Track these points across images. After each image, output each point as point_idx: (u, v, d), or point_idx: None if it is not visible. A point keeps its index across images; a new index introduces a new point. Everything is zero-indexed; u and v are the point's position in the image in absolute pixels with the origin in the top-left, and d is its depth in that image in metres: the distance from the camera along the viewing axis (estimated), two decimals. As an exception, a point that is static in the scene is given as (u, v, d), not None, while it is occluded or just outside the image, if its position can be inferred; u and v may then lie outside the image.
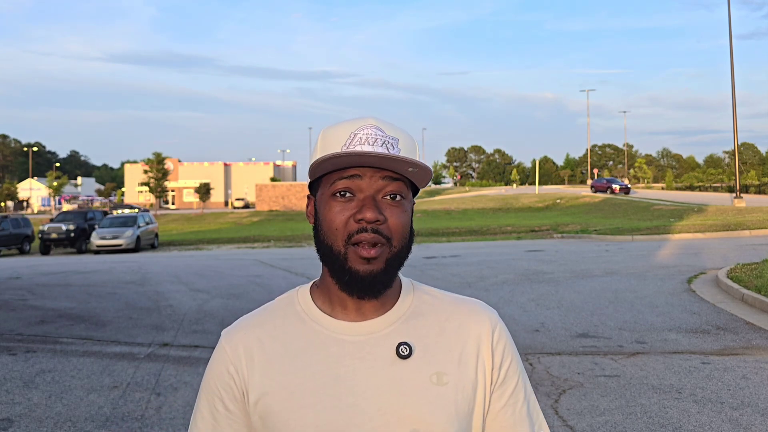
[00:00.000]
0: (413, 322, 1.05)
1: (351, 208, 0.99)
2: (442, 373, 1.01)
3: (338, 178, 0.99)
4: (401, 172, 0.99)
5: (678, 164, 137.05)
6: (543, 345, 6.67)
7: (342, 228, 0.98)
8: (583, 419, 4.48)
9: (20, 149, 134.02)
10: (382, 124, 1.01)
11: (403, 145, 1.01)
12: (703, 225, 22.45)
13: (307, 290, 1.10)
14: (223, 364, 1.05)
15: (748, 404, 4.67)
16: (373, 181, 0.99)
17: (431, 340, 1.04)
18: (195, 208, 74.05)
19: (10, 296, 10.83)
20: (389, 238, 0.99)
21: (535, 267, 13.17)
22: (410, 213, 1.04)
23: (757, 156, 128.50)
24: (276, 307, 1.10)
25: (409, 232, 1.03)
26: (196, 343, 7.11)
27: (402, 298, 1.08)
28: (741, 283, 9.15)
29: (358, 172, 0.99)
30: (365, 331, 1.03)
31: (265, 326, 1.06)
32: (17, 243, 27.40)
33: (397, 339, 1.02)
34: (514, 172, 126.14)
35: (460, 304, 1.10)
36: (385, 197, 0.99)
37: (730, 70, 29.07)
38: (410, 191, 1.04)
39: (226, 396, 1.04)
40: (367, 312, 1.04)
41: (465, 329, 1.06)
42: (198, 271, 14.63)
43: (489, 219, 37.66)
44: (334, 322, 1.04)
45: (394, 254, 1.00)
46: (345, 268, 0.99)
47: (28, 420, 4.75)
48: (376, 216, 0.97)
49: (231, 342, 1.06)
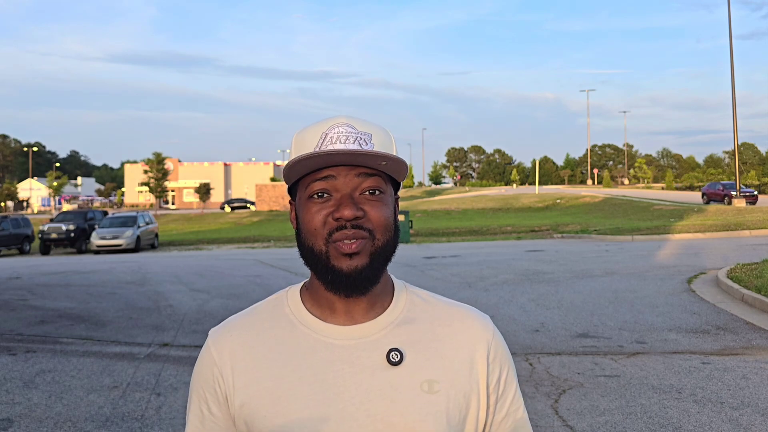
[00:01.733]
0: (405, 328, 1.03)
1: (329, 207, 0.97)
2: (433, 381, 0.99)
3: (312, 180, 0.98)
4: (375, 167, 0.97)
5: (678, 164, 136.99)
6: (543, 345, 6.67)
7: (321, 227, 0.97)
8: (583, 419, 4.48)
9: (20, 149, 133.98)
10: (353, 121, 0.99)
11: (377, 140, 0.99)
12: (703, 225, 22.45)
13: (297, 292, 1.08)
14: (208, 366, 1.04)
15: (748, 404, 4.66)
16: (348, 179, 0.97)
17: (423, 346, 1.01)
18: (195, 208, 74.04)
19: (10, 296, 10.83)
20: (371, 231, 0.97)
21: (535, 267, 13.17)
22: (392, 207, 1.02)
23: (757, 156, 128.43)
24: (265, 308, 1.08)
25: (394, 226, 1.01)
26: (196, 343, 7.11)
27: (394, 302, 1.05)
28: (741, 283, 9.15)
29: (332, 173, 0.97)
30: (356, 335, 1.00)
31: (253, 328, 1.04)
32: (17, 243, 27.40)
33: (388, 345, 1.00)
34: (514, 172, 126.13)
35: (454, 310, 1.08)
36: (363, 193, 0.97)
37: (730, 70, 29.11)
38: (389, 185, 1.02)
39: (210, 399, 1.03)
40: (357, 315, 1.02)
41: (458, 336, 1.04)
42: (198, 271, 14.63)
43: (489, 219, 37.65)
44: (323, 326, 1.01)
45: (379, 248, 0.98)
46: (328, 266, 0.97)
47: (28, 420, 4.75)
48: (354, 213, 0.95)
49: (217, 344, 1.04)
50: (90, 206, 74.98)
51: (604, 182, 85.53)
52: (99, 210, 32.49)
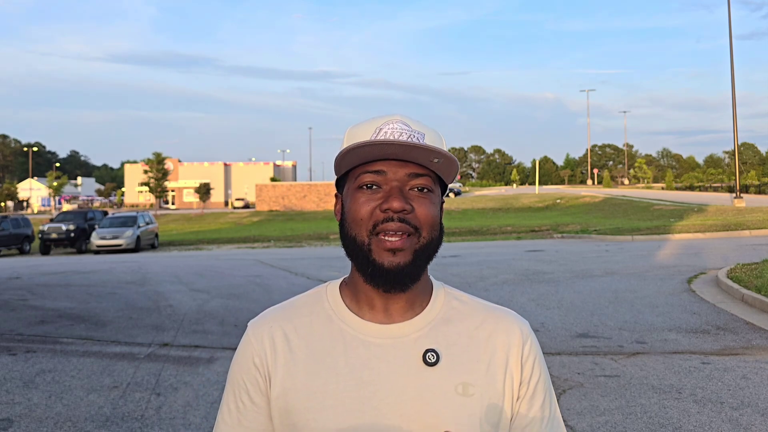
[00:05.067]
0: (442, 329, 1.02)
1: (377, 199, 0.96)
2: (468, 384, 0.98)
3: (363, 172, 0.97)
4: (426, 164, 0.97)
5: (678, 164, 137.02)
6: (543, 345, 6.67)
7: (367, 218, 0.96)
8: (583, 419, 4.48)
9: (20, 149, 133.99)
10: (408, 120, 1.00)
11: (429, 139, 0.99)
12: (703, 225, 22.44)
13: (337, 287, 1.08)
14: (248, 355, 1.04)
15: (748, 404, 4.66)
16: (399, 175, 0.97)
17: (459, 348, 1.01)
18: (195, 208, 74.03)
19: (10, 296, 10.83)
20: (417, 228, 0.96)
21: (535, 267, 13.16)
22: (439, 207, 1.02)
23: (757, 156, 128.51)
24: (304, 302, 1.08)
25: (440, 226, 1.00)
26: (196, 343, 7.12)
27: (432, 303, 1.05)
28: (741, 283, 9.15)
29: (383, 167, 0.96)
30: (393, 334, 1.00)
31: (292, 321, 1.05)
32: (17, 243, 27.41)
33: (425, 345, 0.99)
34: (514, 172, 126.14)
35: (492, 312, 1.07)
36: (412, 189, 0.97)
37: (730, 70, 29.07)
38: (438, 186, 1.02)
39: (252, 388, 1.03)
40: (395, 314, 1.01)
41: (494, 339, 1.04)
42: (198, 271, 14.63)
43: (489, 219, 37.66)
44: (361, 323, 1.01)
45: (423, 245, 0.97)
46: (369, 259, 0.96)
47: (28, 420, 4.75)
48: (402, 205, 0.94)
49: (257, 333, 1.05)
50: (90, 206, 74.96)
51: (604, 182, 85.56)
52: (99, 210, 32.48)
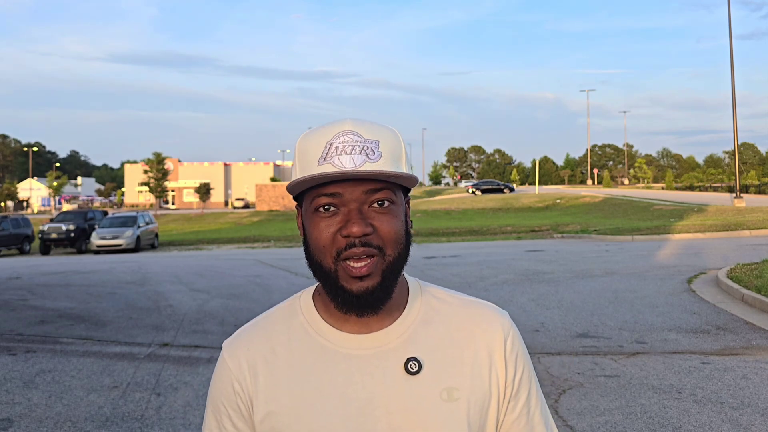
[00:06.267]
0: (422, 332, 1.00)
1: (337, 223, 0.93)
2: (452, 389, 0.97)
3: (318, 195, 0.93)
4: (383, 179, 0.93)
5: (678, 164, 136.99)
6: (543, 345, 6.67)
7: (330, 245, 0.93)
8: (583, 419, 4.48)
9: (20, 149, 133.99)
10: (359, 128, 0.94)
11: (384, 146, 0.94)
12: (703, 225, 22.44)
13: (310, 298, 1.05)
14: (227, 381, 1.01)
15: (748, 404, 4.66)
16: (356, 194, 0.92)
17: (441, 353, 0.99)
18: (195, 208, 74.03)
19: (10, 296, 10.83)
20: (381, 248, 0.93)
21: (535, 267, 13.16)
22: (403, 216, 0.97)
23: (757, 156, 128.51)
24: (278, 317, 1.04)
25: (405, 237, 0.97)
26: (196, 343, 7.12)
27: (410, 305, 1.02)
28: (741, 283, 9.15)
29: (337, 190, 0.92)
30: (373, 344, 0.98)
31: (270, 341, 1.02)
32: (17, 243, 27.41)
33: (406, 353, 0.98)
34: (514, 172, 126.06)
35: (471, 308, 1.05)
36: (372, 206, 0.93)
37: (730, 70, 29.07)
38: (400, 192, 0.97)
39: (234, 414, 1.01)
40: (371, 323, 0.99)
41: (476, 339, 1.02)
42: (198, 271, 14.63)
43: (489, 219, 37.64)
44: (339, 336, 0.99)
45: (390, 264, 0.94)
46: (338, 285, 0.94)
47: (28, 420, 4.75)
48: (363, 230, 0.91)
49: (234, 357, 1.02)
50: (90, 206, 74.96)
51: (604, 182, 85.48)
52: (99, 210, 32.51)
